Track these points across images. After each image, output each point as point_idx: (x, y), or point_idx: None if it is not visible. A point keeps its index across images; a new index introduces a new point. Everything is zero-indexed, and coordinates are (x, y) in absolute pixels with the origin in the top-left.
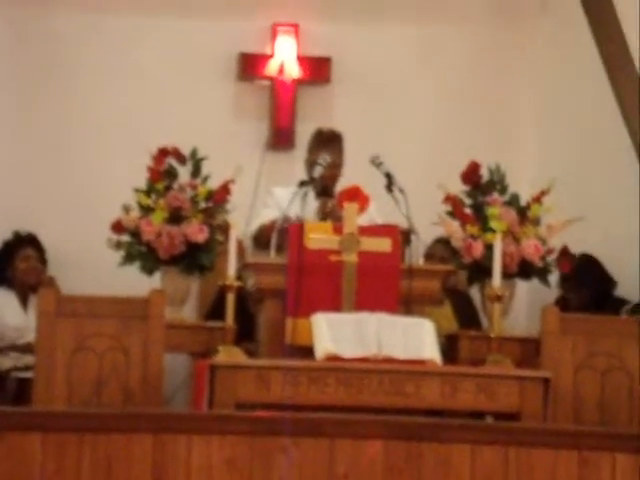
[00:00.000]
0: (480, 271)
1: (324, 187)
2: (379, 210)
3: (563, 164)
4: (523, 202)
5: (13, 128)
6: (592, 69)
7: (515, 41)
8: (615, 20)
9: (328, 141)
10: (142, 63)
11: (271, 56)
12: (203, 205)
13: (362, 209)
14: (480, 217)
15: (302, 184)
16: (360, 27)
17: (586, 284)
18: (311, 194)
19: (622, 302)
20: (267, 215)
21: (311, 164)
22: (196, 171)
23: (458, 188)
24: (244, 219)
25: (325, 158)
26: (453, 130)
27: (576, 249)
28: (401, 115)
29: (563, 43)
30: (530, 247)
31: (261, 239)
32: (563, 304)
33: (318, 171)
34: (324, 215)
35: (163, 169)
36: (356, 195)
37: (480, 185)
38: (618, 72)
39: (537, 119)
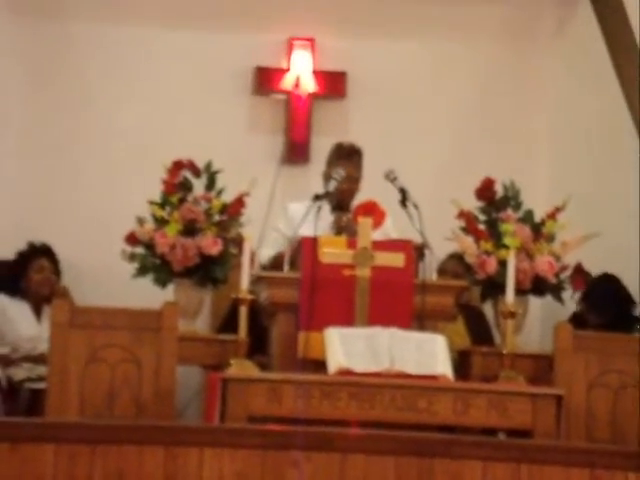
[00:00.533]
0: (493, 287)
1: (339, 201)
2: (395, 225)
3: (578, 181)
4: (537, 218)
5: (28, 139)
6: (607, 86)
7: (530, 58)
8: (631, 38)
9: (347, 155)
10: (158, 76)
11: (287, 70)
12: (217, 218)
13: (378, 224)
14: (494, 233)
15: (317, 198)
16: (376, 42)
17: (607, 305)
18: (327, 208)
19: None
20: (277, 240)
21: (327, 178)
22: (211, 184)
23: (472, 204)
24: (258, 232)
25: (340, 172)
26: (467, 146)
27: (590, 266)
28: (416, 130)
29: (577, 61)
30: (544, 264)
31: (275, 268)
32: (579, 321)
33: (333, 185)
34: (339, 229)
35: (178, 182)
36: (372, 210)
37: (494, 201)
38: (633, 89)
39: (552, 136)
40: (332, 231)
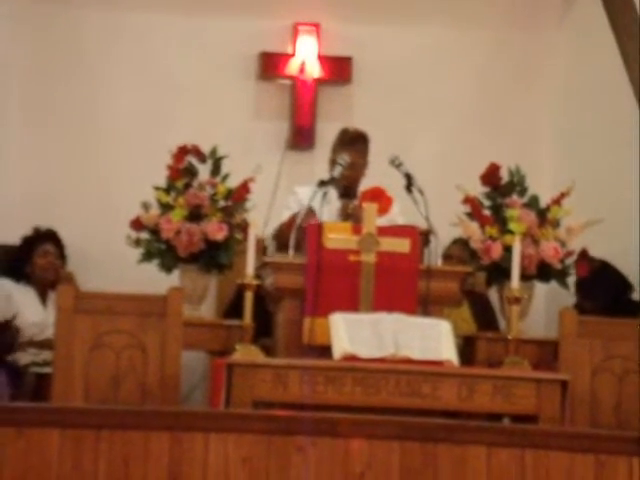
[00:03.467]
0: (499, 273)
1: (345, 187)
2: (402, 212)
3: (583, 166)
4: (543, 204)
5: (34, 125)
6: (612, 71)
7: (535, 43)
8: (636, 23)
9: (352, 140)
10: (163, 61)
11: (292, 55)
12: (222, 203)
13: (384, 210)
14: (499, 219)
15: (322, 183)
16: (381, 27)
17: (602, 292)
18: (334, 194)
19: (638, 306)
20: (287, 216)
21: (333, 163)
22: (216, 169)
23: (477, 189)
24: (263, 218)
25: (344, 158)
26: (473, 131)
27: (595, 251)
28: (421, 116)
29: (583, 46)
30: (549, 249)
31: (281, 238)
32: (580, 310)
33: (338, 171)
34: (346, 216)
35: (183, 167)
36: (379, 196)
37: (500, 187)
38: (638, 74)
39: (557, 121)
40: (339, 218)
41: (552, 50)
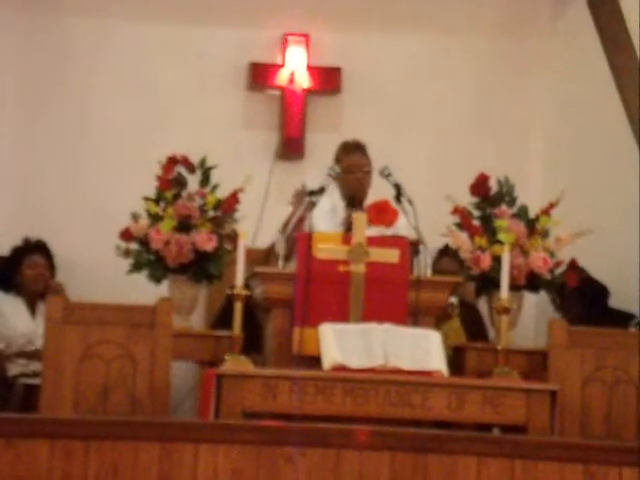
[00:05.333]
0: (488, 283)
1: (351, 198)
2: (408, 226)
3: (572, 176)
4: (532, 214)
5: (24, 136)
6: (601, 82)
7: (524, 53)
8: (625, 33)
9: (356, 147)
10: (152, 72)
11: (281, 66)
12: (212, 214)
13: (390, 223)
14: (488, 229)
15: (311, 194)
16: (370, 38)
17: (570, 301)
18: (341, 204)
19: (624, 315)
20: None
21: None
22: (205, 180)
23: (467, 200)
24: (253, 228)
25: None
26: (462, 141)
27: (584, 261)
28: (410, 126)
29: (572, 56)
30: (538, 259)
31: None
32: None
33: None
34: (349, 225)
35: (172, 177)
36: (385, 209)
37: (489, 197)
38: (627, 84)
39: (546, 131)
40: (343, 227)
41: (543, 57)
